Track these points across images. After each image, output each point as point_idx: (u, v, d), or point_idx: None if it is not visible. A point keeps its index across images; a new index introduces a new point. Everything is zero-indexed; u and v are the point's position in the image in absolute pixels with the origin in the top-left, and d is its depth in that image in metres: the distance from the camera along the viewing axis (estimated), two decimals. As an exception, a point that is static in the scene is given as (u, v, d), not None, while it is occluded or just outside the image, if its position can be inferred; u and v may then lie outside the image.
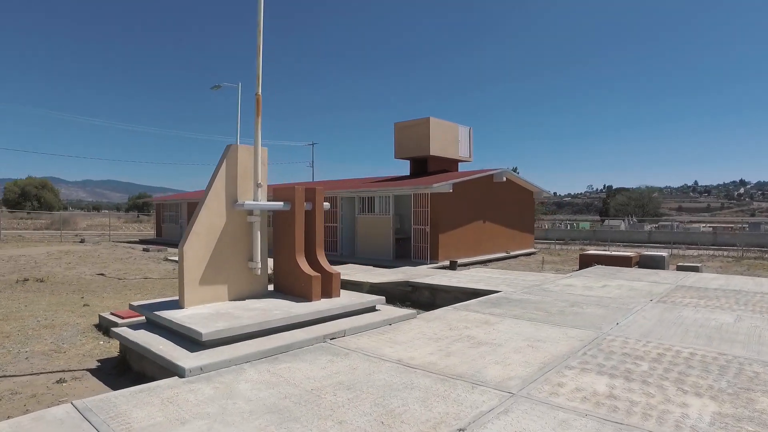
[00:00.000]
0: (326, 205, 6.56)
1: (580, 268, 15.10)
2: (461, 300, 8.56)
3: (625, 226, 44.36)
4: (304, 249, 6.16)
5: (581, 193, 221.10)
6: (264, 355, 4.52)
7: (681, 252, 22.66)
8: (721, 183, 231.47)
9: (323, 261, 6.23)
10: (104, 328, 6.77)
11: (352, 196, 18.03)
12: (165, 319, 5.05)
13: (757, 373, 3.98)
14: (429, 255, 15.38)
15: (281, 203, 6.14)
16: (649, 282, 9.12)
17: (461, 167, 20.83)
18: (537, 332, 5.33)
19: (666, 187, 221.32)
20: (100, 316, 7.14)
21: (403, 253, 16.64)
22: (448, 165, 19.74)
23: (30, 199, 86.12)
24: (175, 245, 24.88)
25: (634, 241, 30.21)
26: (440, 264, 15.05)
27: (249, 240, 6.02)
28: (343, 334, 5.25)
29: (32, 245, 24.72)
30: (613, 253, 15.06)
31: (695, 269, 13.49)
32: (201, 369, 4.10)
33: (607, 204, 72.00)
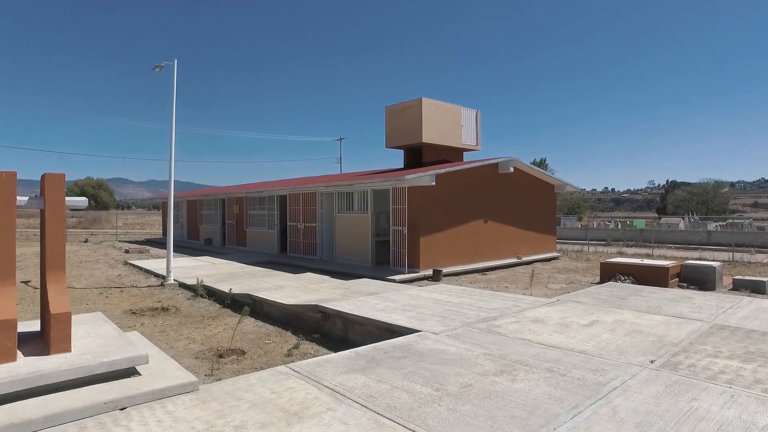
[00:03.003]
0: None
1: (601, 280, 11.77)
2: (375, 337, 5.82)
3: (684, 224, 39.16)
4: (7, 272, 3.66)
5: (641, 189, 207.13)
6: None
7: (748, 257, 18.34)
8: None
9: (55, 291, 3.69)
10: None
11: (331, 192, 15.49)
12: None
13: None
14: (407, 262, 12.55)
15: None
16: (669, 317, 5.90)
17: (467, 157, 17.75)
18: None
19: (739, 182, 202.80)
20: None
21: (386, 258, 13.90)
22: (449, 154, 16.74)
23: (88, 198, 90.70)
24: (174, 246, 23.37)
25: (689, 242, 25.68)
26: (421, 273, 12.21)
27: None
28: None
29: (32, 245, 24.03)
30: (645, 261, 11.58)
31: (760, 287, 9.88)
32: None
33: (665, 200, 65.05)
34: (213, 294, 9.93)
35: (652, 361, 4.12)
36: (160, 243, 25.64)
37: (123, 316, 8.22)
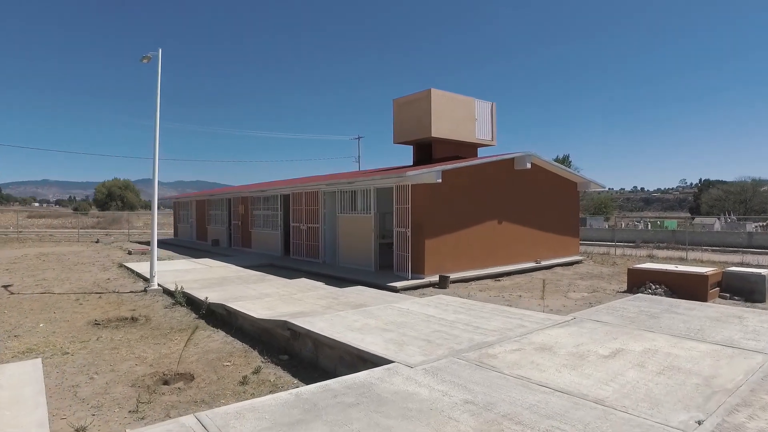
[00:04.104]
0: None
1: (629, 288, 10.45)
2: (346, 363, 4.79)
3: (720, 225, 36.84)
4: None
5: (672, 188, 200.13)
6: None
7: (795, 262, 16.52)
8: None
9: None
10: None
11: (333, 190, 14.51)
12: None
13: None
14: (410, 267, 11.44)
15: None
16: (716, 345, 4.65)
17: (482, 153, 16.50)
18: None
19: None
20: None
21: (392, 262, 12.82)
22: (462, 150, 15.53)
23: (115, 199, 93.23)
24: (180, 247, 22.87)
25: (727, 245, 23.74)
26: (426, 280, 11.09)
27: None
28: None
29: (42, 245, 23.89)
30: (679, 268, 10.18)
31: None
32: None
33: (699, 199, 61.77)
34: (192, 302, 9.06)
35: (699, 422, 2.93)
36: (168, 244, 25.17)
37: (83, 328, 7.38)
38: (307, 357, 5.66)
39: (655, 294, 9.73)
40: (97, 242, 26.75)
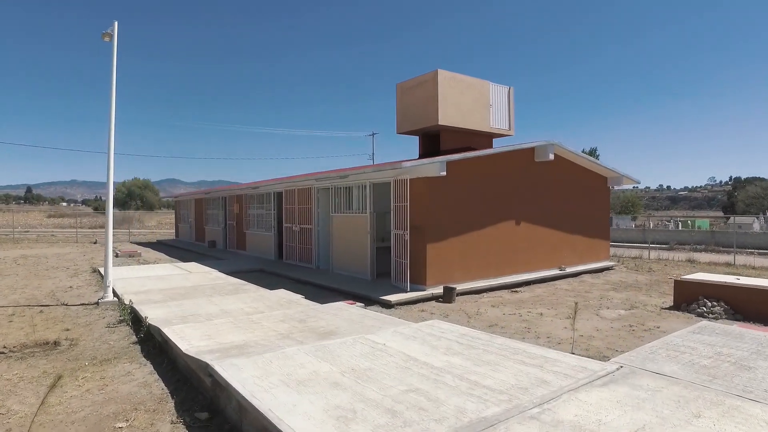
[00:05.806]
0: None
1: (675, 304, 8.49)
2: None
3: (760, 225, 34.05)
4: None
5: (701, 186, 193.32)
6: None
7: None
8: None
9: None
10: None
11: (327, 187, 12.83)
12: None
13: None
14: (409, 276, 9.65)
15: None
16: None
17: (497, 144, 14.58)
18: None
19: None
20: None
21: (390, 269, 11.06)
22: (474, 140, 13.65)
23: (135, 198, 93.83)
24: (175, 249, 21.52)
25: (776, 248, 21.24)
26: (428, 292, 9.31)
27: None
28: None
29: (34, 247, 22.84)
30: (741, 280, 8.14)
31: None
32: None
33: (734, 197, 58.12)
34: (138, 321, 7.47)
35: None
36: (165, 245, 23.90)
37: (-21, 359, 5.81)
38: (232, 417, 3.95)
39: (712, 313, 7.77)
40: (95, 243, 25.64)
